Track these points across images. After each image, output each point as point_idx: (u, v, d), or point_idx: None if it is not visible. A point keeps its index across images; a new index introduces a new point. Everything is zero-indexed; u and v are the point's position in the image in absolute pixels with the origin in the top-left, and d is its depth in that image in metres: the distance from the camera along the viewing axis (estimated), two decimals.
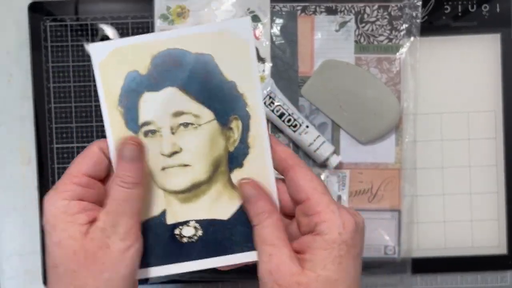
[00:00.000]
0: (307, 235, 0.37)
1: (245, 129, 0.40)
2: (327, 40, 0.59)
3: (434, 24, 0.60)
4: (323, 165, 0.58)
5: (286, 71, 0.59)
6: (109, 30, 0.60)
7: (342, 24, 0.59)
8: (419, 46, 0.59)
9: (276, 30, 0.59)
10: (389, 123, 0.58)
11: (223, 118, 0.40)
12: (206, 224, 0.40)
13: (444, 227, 0.60)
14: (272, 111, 0.58)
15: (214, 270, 0.59)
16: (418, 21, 0.59)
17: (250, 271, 0.59)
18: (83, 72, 0.60)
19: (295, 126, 0.57)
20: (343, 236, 0.35)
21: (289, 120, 0.57)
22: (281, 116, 0.57)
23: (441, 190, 0.60)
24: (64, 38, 0.60)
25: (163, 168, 0.40)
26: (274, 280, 0.35)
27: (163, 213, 0.41)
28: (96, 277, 0.35)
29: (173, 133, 0.40)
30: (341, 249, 0.35)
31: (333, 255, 0.35)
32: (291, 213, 0.40)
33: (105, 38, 0.60)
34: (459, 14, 0.60)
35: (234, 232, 0.40)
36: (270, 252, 0.36)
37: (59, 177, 0.59)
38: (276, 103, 0.58)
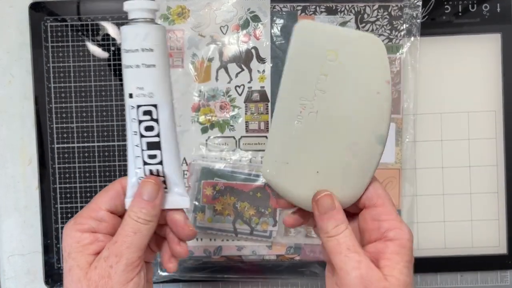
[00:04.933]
0: (378, 242, 0.38)
1: None
2: None
3: (434, 23, 0.60)
4: None
5: None
6: (110, 30, 0.60)
7: (342, 24, 0.59)
8: (419, 46, 0.59)
9: (276, 30, 0.59)
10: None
11: None
12: None
13: (444, 227, 0.60)
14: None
15: (215, 270, 0.59)
16: (418, 21, 0.59)
17: (249, 271, 0.59)
18: (84, 72, 0.60)
19: None
20: (410, 242, 0.38)
21: None
22: None
23: (441, 190, 0.60)
24: (65, 38, 0.60)
25: None
26: (365, 286, 0.35)
27: None
28: None
29: None
30: (409, 255, 0.38)
31: (405, 260, 0.37)
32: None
33: (106, 38, 0.60)
34: (460, 13, 0.60)
35: None
36: (358, 259, 0.36)
37: (59, 177, 0.59)
38: None
